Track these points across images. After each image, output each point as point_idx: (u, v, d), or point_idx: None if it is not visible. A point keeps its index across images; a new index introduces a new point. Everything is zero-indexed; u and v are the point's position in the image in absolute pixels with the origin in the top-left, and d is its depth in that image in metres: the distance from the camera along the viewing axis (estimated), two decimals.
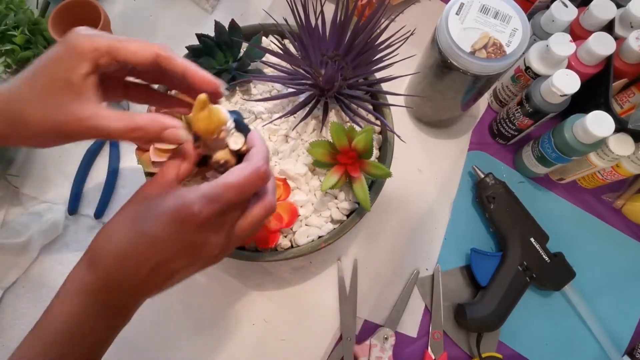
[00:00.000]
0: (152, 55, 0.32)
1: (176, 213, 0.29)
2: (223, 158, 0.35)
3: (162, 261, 0.30)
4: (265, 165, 0.32)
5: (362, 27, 0.45)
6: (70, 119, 0.30)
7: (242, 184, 0.30)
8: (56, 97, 0.30)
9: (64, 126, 0.31)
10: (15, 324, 0.52)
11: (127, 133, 0.31)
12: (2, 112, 0.31)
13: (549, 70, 0.54)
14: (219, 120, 0.34)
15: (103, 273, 0.30)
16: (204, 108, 0.33)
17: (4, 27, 0.57)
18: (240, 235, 0.33)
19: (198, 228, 0.29)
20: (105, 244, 0.31)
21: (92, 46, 0.30)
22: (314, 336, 0.54)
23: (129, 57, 0.31)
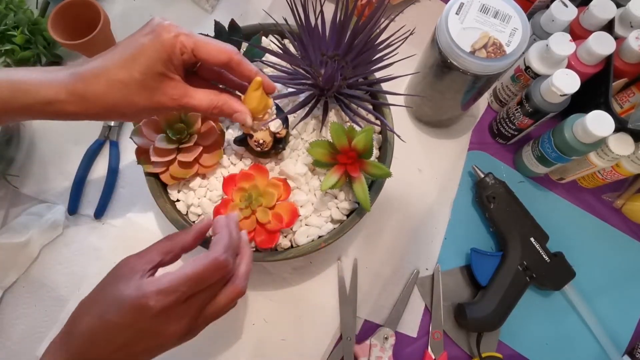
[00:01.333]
0: (226, 58, 0.37)
1: (134, 304, 0.32)
2: (262, 138, 0.43)
3: (124, 344, 0.32)
4: (225, 255, 0.34)
5: (361, 27, 0.45)
6: (168, 98, 0.37)
7: (200, 275, 0.33)
8: (156, 83, 0.36)
9: (162, 104, 0.37)
10: (15, 324, 0.52)
11: (209, 110, 0.38)
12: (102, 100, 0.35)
13: (548, 70, 0.54)
14: (266, 103, 0.41)
15: (74, 352, 0.33)
16: (258, 89, 0.39)
17: (3, 27, 0.57)
18: (207, 320, 0.35)
19: (154, 318, 0.32)
20: (78, 324, 0.33)
21: (181, 44, 0.35)
22: (314, 336, 0.54)
23: (208, 57, 0.37)
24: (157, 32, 0.35)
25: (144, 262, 0.34)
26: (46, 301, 0.53)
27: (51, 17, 0.55)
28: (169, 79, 0.36)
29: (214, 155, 0.46)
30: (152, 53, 0.35)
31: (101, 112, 0.36)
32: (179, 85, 0.37)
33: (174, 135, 0.44)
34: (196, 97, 0.38)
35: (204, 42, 0.37)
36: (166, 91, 0.37)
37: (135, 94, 0.36)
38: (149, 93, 0.36)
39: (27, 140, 0.58)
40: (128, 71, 0.35)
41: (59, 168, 0.58)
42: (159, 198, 0.46)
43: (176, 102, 0.37)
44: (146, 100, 0.36)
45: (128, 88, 0.35)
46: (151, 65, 0.35)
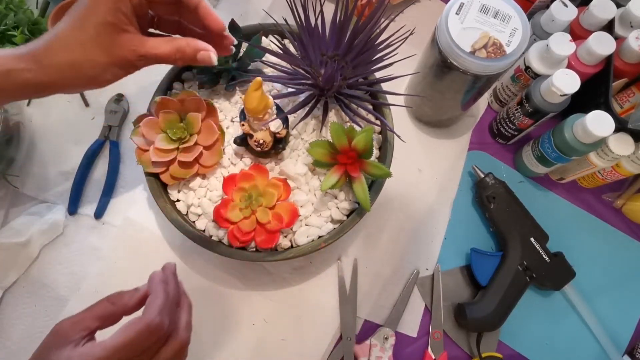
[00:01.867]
0: None
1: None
2: (262, 138, 0.43)
3: None
4: (159, 317, 0.32)
5: (361, 27, 0.45)
6: (127, 51, 0.36)
7: (133, 342, 0.31)
8: (110, 36, 0.35)
9: (123, 58, 0.36)
10: (15, 324, 0.52)
11: (172, 55, 0.37)
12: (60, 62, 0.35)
13: (548, 70, 0.54)
14: (267, 103, 0.41)
15: None
16: (258, 89, 0.39)
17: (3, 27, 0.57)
18: None
19: None
20: None
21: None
22: (314, 336, 0.54)
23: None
24: None
25: (79, 329, 0.32)
26: (46, 301, 0.53)
27: (51, 17, 0.55)
28: (123, 31, 0.35)
29: (214, 155, 0.46)
30: (99, 6, 0.34)
31: (63, 77, 0.35)
32: (135, 37, 0.36)
33: (174, 135, 0.44)
34: (156, 45, 0.37)
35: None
36: (123, 43, 0.36)
37: (92, 50, 0.35)
38: (106, 48, 0.35)
39: (27, 140, 0.58)
40: (80, 29, 0.34)
41: (59, 168, 0.58)
42: (159, 198, 0.46)
43: (136, 52, 0.36)
44: (105, 56, 0.35)
45: (83, 46, 0.35)
46: (101, 18, 0.34)
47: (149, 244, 0.55)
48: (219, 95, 0.51)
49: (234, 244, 0.44)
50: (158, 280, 0.36)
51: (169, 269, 0.38)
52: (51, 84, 0.35)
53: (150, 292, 0.35)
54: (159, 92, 0.49)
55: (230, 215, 0.43)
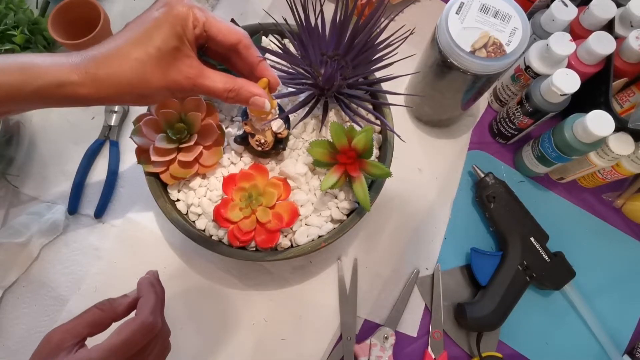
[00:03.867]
0: (236, 39, 0.37)
1: None
2: (263, 138, 0.43)
3: None
4: (152, 317, 0.33)
5: (361, 27, 0.45)
6: (183, 77, 0.35)
7: (128, 342, 0.31)
8: (171, 60, 0.35)
9: (177, 83, 0.35)
10: (15, 323, 0.52)
11: (225, 93, 0.37)
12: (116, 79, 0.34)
13: (549, 69, 0.54)
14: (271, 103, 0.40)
15: None
16: (264, 89, 0.39)
17: (3, 27, 0.57)
18: None
19: None
20: None
21: (194, 16, 0.35)
22: (314, 336, 0.54)
23: (218, 34, 0.36)
24: (170, 5, 0.34)
25: (71, 336, 0.32)
26: (46, 301, 0.53)
27: (51, 16, 0.55)
28: (184, 56, 0.35)
29: (214, 154, 0.46)
30: (166, 26, 0.34)
31: (114, 94, 0.35)
32: (195, 64, 0.36)
33: (174, 135, 0.44)
34: (212, 78, 0.37)
35: (216, 19, 0.36)
36: (182, 69, 0.35)
37: (150, 71, 0.34)
38: (164, 70, 0.35)
39: (27, 140, 0.58)
40: (142, 47, 0.34)
41: (59, 168, 0.58)
42: (159, 198, 0.46)
43: (191, 81, 0.36)
44: (161, 78, 0.35)
45: (143, 65, 0.34)
46: (166, 39, 0.34)
47: (149, 243, 0.55)
48: None
49: (234, 243, 0.44)
50: (147, 283, 0.36)
51: (153, 274, 0.39)
52: (101, 99, 0.35)
53: (140, 295, 0.35)
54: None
55: (230, 215, 0.43)
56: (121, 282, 0.54)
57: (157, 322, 0.33)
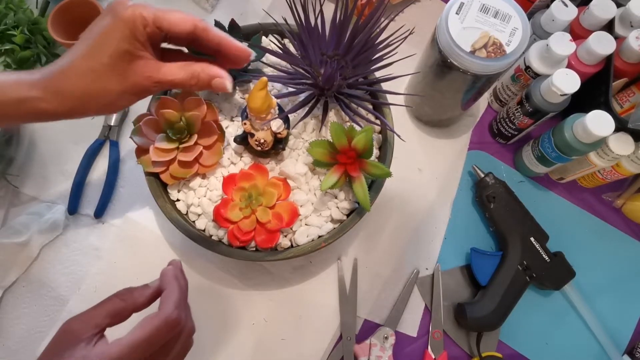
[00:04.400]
0: (191, 26, 0.36)
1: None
2: (263, 138, 0.43)
3: None
4: (177, 311, 0.32)
5: (361, 27, 0.45)
6: (142, 78, 0.36)
7: (152, 337, 0.30)
8: (125, 64, 0.35)
9: (138, 85, 0.36)
10: (15, 323, 0.52)
11: (187, 81, 0.37)
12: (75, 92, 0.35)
13: (549, 69, 0.54)
14: (270, 103, 0.41)
15: None
16: (263, 89, 0.39)
17: (3, 27, 0.57)
18: None
19: None
20: None
21: (140, 16, 0.34)
22: (314, 336, 0.54)
23: (171, 27, 0.36)
24: (115, 11, 0.34)
25: (90, 327, 0.31)
26: (46, 301, 0.53)
27: (51, 16, 0.55)
28: (138, 58, 0.35)
29: (214, 154, 0.46)
30: (114, 33, 0.34)
31: (77, 106, 0.35)
32: (150, 63, 0.36)
33: (174, 135, 0.44)
34: (171, 71, 0.37)
35: (165, 12, 0.36)
36: (138, 70, 0.36)
37: (107, 79, 0.35)
38: (121, 76, 0.35)
39: (27, 140, 0.58)
40: (95, 58, 0.34)
41: (59, 168, 0.58)
42: (159, 198, 0.46)
43: (151, 79, 0.36)
44: (120, 84, 0.35)
45: (98, 75, 0.34)
46: (117, 46, 0.34)
47: (149, 243, 0.55)
48: (218, 94, 0.51)
49: (234, 243, 0.44)
50: (171, 275, 0.36)
51: (177, 265, 0.38)
52: (65, 112, 0.35)
53: (164, 288, 0.35)
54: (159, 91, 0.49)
55: (230, 215, 0.43)
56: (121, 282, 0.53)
57: (181, 317, 0.33)
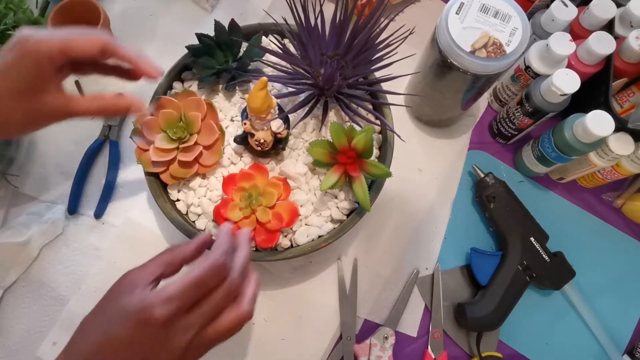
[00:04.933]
0: (99, 49, 0.36)
1: (139, 316, 0.30)
2: (263, 138, 0.43)
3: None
4: (223, 258, 0.33)
5: (361, 27, 0.45)
6: (49, 109, 0.36)
7: (200, 278, 0.32)
8: (31, 96, 0.35)
9: (44, 117, 0.37)
10: (16, 323, 0.52)
11: (97, 114, 0.38)
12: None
13: (549, 69, 0.54)
14: (270, 103, 0.40)
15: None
16: (263, 89, 0.39)
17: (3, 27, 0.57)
18: (207, 343, 0.33)
19: (159, 329, 0.30)
20: (81, 341, 0.32)
21: (46, 49, 0.34)
22: (314, 336, 0.54)
23: (79, 54, 0.35)
24: (20, 45, 0.34)
25: (146, 275, 0.33)
26: (46, 301, 0.53)
27: (51, 16, 0.55)
28: (46, 91, 0.36)
29: (214, 154, 0.46)
30: (20, 70, 0.34)
31: None
32: (59, 96, 0.37)
33: (174, 135, 0.44)
34: (81, 106, 0.37)
35: (71, 40, 0.35)
36: (47, 102, 0.36)
37: (8, 109, 0.35)
38: (24, 107, 0.35)
39: (27, 140, 0.58)
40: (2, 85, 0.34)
41: (59, 168, 0.58)
42: (159, 198, 0.46)
43: (60, 112, 0.37)
44: (21, 115, 0.36)
45: (5, 106, 0.35)
46: (22, 82, 0.35)
47: (149, 243, 0.55)
48: (218, 94, 0.51)
49: None
50: (226, 230, 0.36)
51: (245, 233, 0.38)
52: None
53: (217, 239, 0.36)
54: (159, 91, 0.49)
55: (230, 215, 0.43)
56: None
57: (227, 265, 0.33)
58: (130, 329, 0.31)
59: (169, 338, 0.31)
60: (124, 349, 0.31)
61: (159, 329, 0.31)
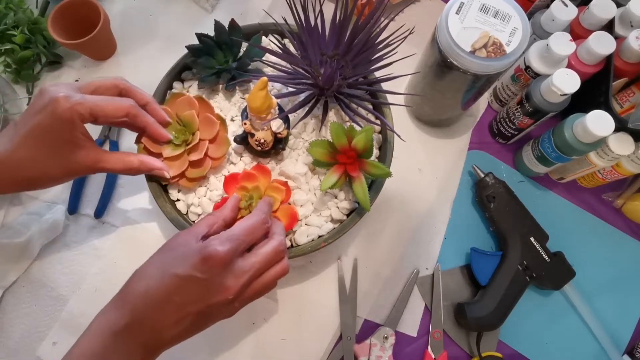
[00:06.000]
0: (124, 114, 0.40)
1: (201, 252, 0.33)
2: (263, 138, 0.43)
3: (184, 303, 0.33)
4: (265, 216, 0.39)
5: (361, 26, 0.45)
6: (81, 166, 0.39)
7: (250, 226, 0.37)
8: (66, 155, 0.38)
9: (77, 172, 0.40)
10: (16, 323, 0.52)
11: (126, 172, 0.42)
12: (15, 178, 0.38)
13: (549, 69, 0.54)
14: (270, 103, 0.41)
15: (129, 311, 0.33)
16: (263, 89, 0.39)
17: (3, 27, 0.57)
18: (252, 295, 0.37)
19: (219, 266, 0.33)
20: (134, 284, 0.35)
21: (77, 114, 0.37)
22: (314, 336, 0.54)
23: (106, 117, 0.39)
24: (51, 108, 0.36)
25: (197, 231, 0.36)
26: (46, 301, 0.53)
27: (51, 16, 0.55)
28: (79, 147, 0.39)
29: (221, 145, 0.46)
30: (55, 129, 0.37)
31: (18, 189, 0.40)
32: (91, 152, 0.40)
33: (178, 140, 0.44)
34: (110, 161, 0.41)
35: (100, 105, 0.38)
36: (78, 159, 0.39)
37: (49, 167, 0.38)
38: (61, 164, 0.39)
39: None
40: (38, 149, 0.37)
41: None
42: (159, 198, 0.46)
43: (90, 168, 0.40)
44: (61, 171, 0.39)
45: (40, 164, 0.38)
46: (56, 139, 0.37)
47: (149, 243, 0.55)
48: (218, 94, 0.51)
49: None
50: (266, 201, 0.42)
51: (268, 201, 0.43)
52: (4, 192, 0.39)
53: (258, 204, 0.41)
54: (159, 91, 0.49)
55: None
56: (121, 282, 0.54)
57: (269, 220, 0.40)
58: (192, 265, 0.33)
59: (227, 278, 0.34)
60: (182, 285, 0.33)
61: (220, 266, 0.33)
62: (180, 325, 0.34)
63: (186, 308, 0.33)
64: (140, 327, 0.33)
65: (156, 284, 0.33)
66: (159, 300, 0.33)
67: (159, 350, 0.35)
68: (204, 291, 0.33)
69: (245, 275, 0.35)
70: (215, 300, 0.34)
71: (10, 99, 0.58)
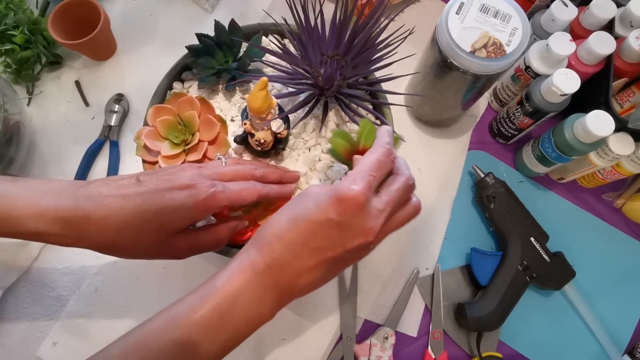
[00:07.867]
0: (257, 197, 0.38)
1: (334, 194, 0.31)
2: (263, 138, 0.43)
3: (320, 248, 0.31)
4: (389, 146, 0.36)
5: (361, 26, 0.45)
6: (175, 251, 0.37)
7: (377, 159, 0.34)
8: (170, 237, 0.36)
9: (167, 257, 0.37)
10: (16, 323, 0.52)
11: (217, 245, 0.40)
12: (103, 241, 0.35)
13: (549, 69, 0.54)
14: (270, 103, 0.41)
15: (269, 253, 0.32)
16: (263, 89, 0.39)
17: (3, 27, 0.57)
18: (387, 232, 0.35)
19: (355, 206, 0.31)
20: (270, 230, 0.32)
21: (220, 203, 0.36)
22: (314, 336, 0.54)
23: (242, 203, 0.38)
24: (195, 192, 0.35)
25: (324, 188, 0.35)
26: (46, 301, 0.53)
27: (51, 16, 0.55)
28: (182, 233, 0.36)
29: (220, 146, 0.46)
30: (180, 211, 0.34)
31: (95, 249, 0.35)
32: (189, 237, 0.37)
33: (177, 139, 0.44)
34: (203, 242, 0.38)
35: (237, 194, 0.37)
36: (176, 244, 0.37)
37: (145, 245, 0.35)
38: (159, 246, 0.36)
39: (27, 140, 0.58)
40: (147, 223, 0.34)
41: (59, 168, 0.58)
42: None
43: (182, 254, 0.38)
44: (153, 251, 0.36)
45: (139, 240, 0.35)
46: (174, 221, 0.35)
47: None
48: (218, 94, 0.51)
49: (233, 242, 0.44)
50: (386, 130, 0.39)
51: None
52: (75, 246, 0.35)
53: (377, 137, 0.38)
54: (159, 91, 0.49)
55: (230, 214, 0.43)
56: (121, 282, 0.54)
57: (394, 150, 0.37)
58: (326, 208, 0.31)
59: (365, 219, 0.32)
60: (318, 229, 0.31)
61: (356, 206, 0.31)
62: (316, 272, 0.32)
63: (324, 254, 0.31)
64: (280, 270, 0.31)
65: (290, 231, 0.31)
66: (296, 246, 0.31)
67: (291, 297, 0.33)
68: (342, 235, 0.31)
69: (382, 215, 0.32)
70: (354, 244, 0.32)
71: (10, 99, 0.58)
